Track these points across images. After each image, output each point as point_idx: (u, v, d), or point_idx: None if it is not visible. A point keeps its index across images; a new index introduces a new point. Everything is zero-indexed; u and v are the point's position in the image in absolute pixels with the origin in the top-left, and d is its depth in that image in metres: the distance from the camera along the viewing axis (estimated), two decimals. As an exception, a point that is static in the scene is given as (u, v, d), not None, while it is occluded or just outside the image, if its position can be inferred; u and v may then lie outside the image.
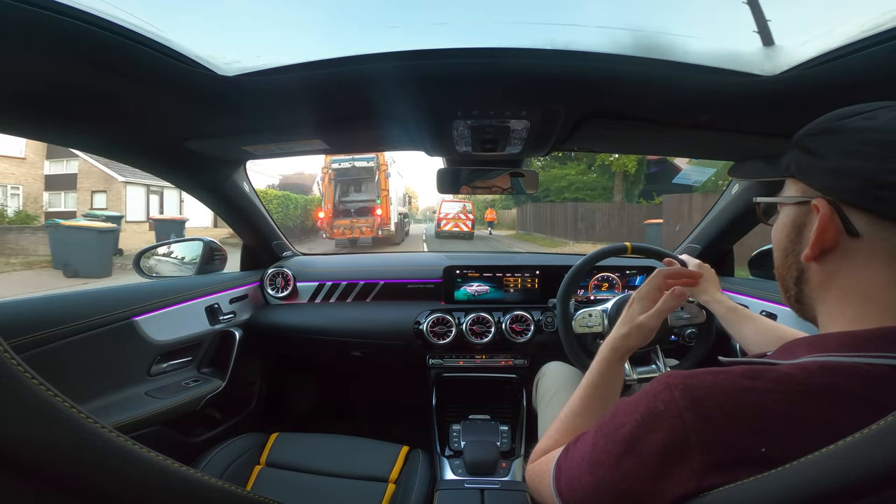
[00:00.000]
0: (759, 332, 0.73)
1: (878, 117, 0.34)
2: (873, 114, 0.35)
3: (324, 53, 0.62)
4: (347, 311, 1.41)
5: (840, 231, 0.36)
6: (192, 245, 1.43)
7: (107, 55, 0.55)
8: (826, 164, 0.37)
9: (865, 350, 0.33)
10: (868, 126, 0.35)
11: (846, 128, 0.36)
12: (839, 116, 0.37)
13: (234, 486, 0.33)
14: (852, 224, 0.35)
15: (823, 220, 0.36)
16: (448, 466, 1.12)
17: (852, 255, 0.36)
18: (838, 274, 0.37)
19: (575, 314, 1.01)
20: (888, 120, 0.34)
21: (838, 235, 0.36)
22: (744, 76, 0.65)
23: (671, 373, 0.36)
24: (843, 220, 0.36)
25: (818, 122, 0.39)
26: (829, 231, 0.36)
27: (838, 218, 0.36)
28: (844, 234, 0.36)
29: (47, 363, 0.76)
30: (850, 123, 0.36)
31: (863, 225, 0.35)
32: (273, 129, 0.92)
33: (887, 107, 0.35)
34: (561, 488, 0.42)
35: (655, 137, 1.01)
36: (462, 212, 15.45)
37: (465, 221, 15.36)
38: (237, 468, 0.94)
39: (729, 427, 0.31)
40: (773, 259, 0.46)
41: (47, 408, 0.22)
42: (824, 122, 0.39)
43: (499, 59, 0.63)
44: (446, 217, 15.47)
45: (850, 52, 0.55)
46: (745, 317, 0.77)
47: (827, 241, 0.37)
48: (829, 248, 0.37)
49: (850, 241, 0.36)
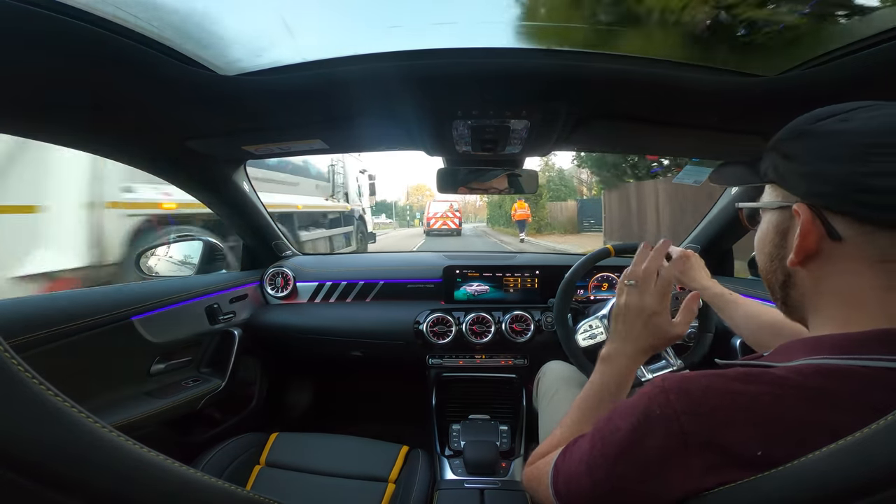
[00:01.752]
0: (747, 315, 0.74)
1: (854, 119, 0.34)
2: (849, 115, 0.35)
3: (324, 53, 0.63)
4: (347, 310, 1.41)
5: (822, 236, 0.36)
6: (192, 245, 1.43)
7: (107, 55, 0.55)
8: (803, 168, 0.37)
9: (860, 352, 0.33)
10: (844, 129, 0.34)
11: (822, 131, 0.36)
12: (814, 119, 0.37)
13: (234, 485, 0.33)
14: (834, 228, 0.35)
15: (805, 226, 0.36)
16: (448, 466, 1.12)
17: (836, 259, 0.36)
18: (825, 278, 0.37)
19: (576, 328, 1.01)
20: (864, 122, 0.34)
21: (821, 240, 0.36)
22: (744, 76, 0.65)
23: (666, 376, 0.36)
24: (825, 224, 0.35)
25: (793, 126, 0.39)
26: (811, 236, 0.36)
27: (820, 223, 0.36)
28: (827, 238, 0.36)
29: (47, 363, 0.76)
30: (826, 126, 0.36)
31: (844, 229, 0.35)
32: (273, 129, 0.92)
33: (864, 107, 0.35)
34: (559, 490, 0.42)
35: (655, 137, 1.01)
36: (449, 210, 17.13)
37: (452, 220, 17.07)
38: (237, 468, 0.94)
39: (725, 430, 0.31)
40: None
41: (47, 407, 0.22)
42: (799, 125, 0.38)
43: (499, 59, 0.63)
44: (435, 216, 17.15)
45: (850, 52, 0.55)
46: (733, 301, 0.77)
47: (810, 245, 0.36)
48: (814, 253, 0.37)
49: (833, 246, 0.36)
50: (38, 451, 0.21)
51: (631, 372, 0.56)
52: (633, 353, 0.56)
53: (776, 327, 0.67)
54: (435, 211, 17.34)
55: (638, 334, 0.56)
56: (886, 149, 0.32)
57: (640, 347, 0.56)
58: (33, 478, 0.21)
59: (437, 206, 17.55)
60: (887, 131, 0.33)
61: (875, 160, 0.32)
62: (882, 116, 0.34)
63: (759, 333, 0.71)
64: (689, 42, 0.62)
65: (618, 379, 0.55)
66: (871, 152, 0.33)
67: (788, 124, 0.40)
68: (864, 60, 0.55)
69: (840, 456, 0.26)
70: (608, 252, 1.00)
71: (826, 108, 0.37)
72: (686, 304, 0.56)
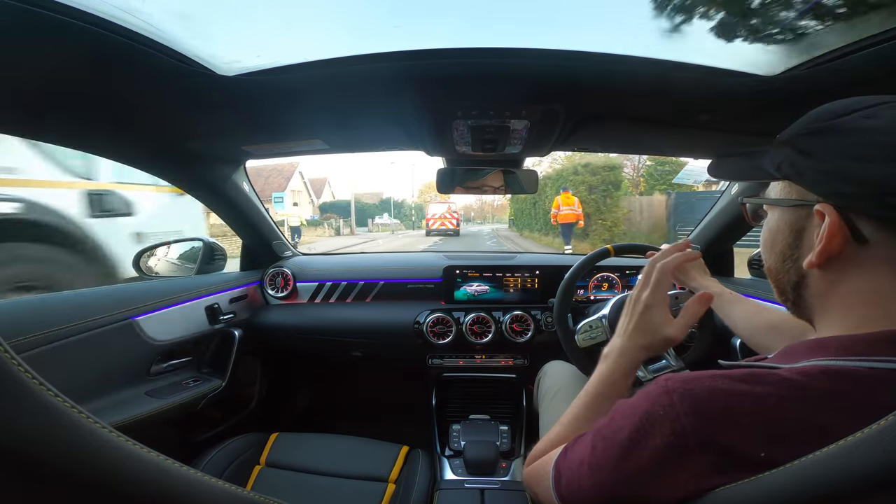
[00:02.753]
0: (747, 314, 0.73)
1: (880, 116, 0.32)
2: (873, 111, 0.33)
3: (324, 53, 0.62)
4: (347, 311, 1.41)
5: (847, 238, 0.34)
6: (193, 245, 1.43)
7: (107, 55, 0.55)
8: (824, 166, 0.35)
9: (866, 354, 0.32)
10: (870, 126, 0.33)
11: (844, 127, 0.34)
12: (833, 114, 0.35)
13: (234, 485, 0.33)
14: (860, 231, 0.33)
15: (832, 228, 0.34)
16: (448, 466, 1.12)
17: (859, 262, 0.34)
18: (842, 280, 0.36)
19: (576, 328, 1.01)
20: (893, 119, 0.32)
21: (845, 243, 0.34)
22: (744, 76, 0.65)
23: (670, 376, 0.36)
24: (850, 227, 0.34)
25: (810, 120, 0.37)
26: (836, 238, 0.34)
27: (845, 225, 0.34)
28: (851, 241, 0.34)
29: (47, 363, 0.76)
30: (848, 123, 0.34)
31: (870, 232, 0.33)
32: (273, 129, 0.92)
33: (887, 103, 0.33)
34: (561, 491, 0.42)
35: (655, 137, 1.01)
36: (447, 212, 18.01)
37: (450, 220, 17.95)
38: (237, 468, 0.94)
39: (728, 431, 0.31)
40: None
41: (47, 408, 0.22)
42: (816, 120, 0.36)
43: (499, 59, 0.63)
44: (433, 217, 18.14)
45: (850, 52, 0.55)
46: (734, 300, 0.76)
47: (834, 248, 0.35)
48: (835, 255, 0.35)
49: (856, 248, 0.34)
50: (38, 450, 0.21)
51: (627, 369, 0.54)
52: (628, 349, 0.54)
53: (777, 328, 0.67)
54: (433, 212, 18.39)
55: (633, 329, 0.55)
56: None
57: (634, 344, 0.54)
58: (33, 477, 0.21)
59: (436, 208, 18.62)
60: None
61: None
62: None
63: (759, 334, 0.70)
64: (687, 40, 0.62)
65: (613, 376, 0.54)
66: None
67: (802, 118, 0.38)
68: (864, 60, 0.55)
69: (843, 455, 0.26)
70: (608, 252, 1.00)
71: (841, 102, 0.36)
72: (688, 306, 0.53)
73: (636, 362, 0.55)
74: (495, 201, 54.78)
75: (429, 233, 18.22)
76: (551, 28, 0.63)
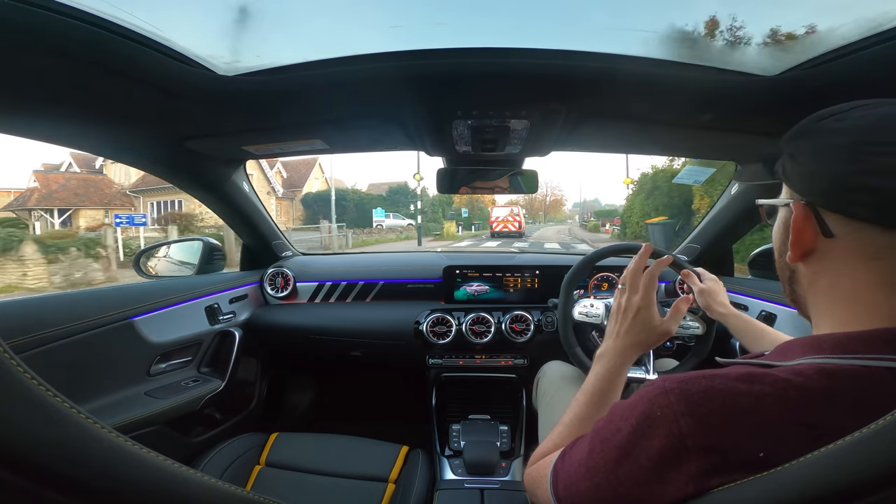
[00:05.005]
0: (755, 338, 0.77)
1: (848, 118, 0.35)
2: (844, 115, 0.36)
3: (324, 53, 0.62)
4: (347, 310, 1.41)
5: (817, 233, 0.37)
6: (192, 245, 1.43)
7: (107, 55, 0.55)
8: (803, 168, 0.38)
9: (861, 352, 0.33)
10: (837, 128, 0.35)
11: (818, 130, 0.37)
12: (817, 118, 0.38)
13: (234, 486, 0.33)
14: (827, 225, 0.36)
15: (797, 222, 0.38)
16: (448, 466, 1.12)
17: (831, 256, 0.37)
18: (822, 274, 0.38)
19: (578, 301, 1.02)
20: (856, 120, 0.34)
21: (816, 237, 0.37)
22: (744, 76, 0.65)
23: (667, 377, 0.36)
24: (819, 221, 0.36)
25: (798, 126, 0.40)
26: (804, 233, 0.37)
27: (814, 220, 0.37)
28: (821, 235, 0.36)
29: (47, 363, 0.76)
30: (823, 126, 0.37)
31: (837, 226, 0.35)
32: (273, 129, 0.91)
33: (859, 106, 0.35)
34: (559, 493, 0.42)
35: (656, 137, 1.01)
36: (510, 215, 19.22)
37: (513, 223, 18.93)
38: (237, 468, 0.94)
39: (726, 432, 0.31)
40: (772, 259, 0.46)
41: (46, 408, 0.22)
42: (803, 124, 0.39)
43: (499, 59, 0.63)
44: (497, 220, 19.25)
45: (850, 52, 0.55)
46: (747, 323, 0.81)
47: (806, 242, 0.38)
48: (811, 250, 0.38)
49: (826, 242, 0.36)
50: (37, 451, 0.21)
51: (622, 368, 0.59)
52: (623, 348, 0.60)
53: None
54: (497, 216, 19.46)
55: (627, 330, 0.60)
56: (875, 147, 0.33)
57: (630, 343, 0.60)
58: (32, 478, 0.21)
59: (499, 212, 19.73)
60: (877, 130, 0.33)
61: (864, 158, 0.33)
62: (874, 115, 0.34)
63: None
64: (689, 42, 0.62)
65: (610, 375, 0.58)
66: (860, 150, 0.33)
67: (797, 124, 0.41)
68: (864, 60, 0.55)
69: (842, 455, 0.26)
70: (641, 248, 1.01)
71: (830, 107, 0.38)
72: (676, 305, 0.60)
73: (630, 360, 0.60)
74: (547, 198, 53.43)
75: (493, 235, 18.92)
76: (551, 28, 0.63)
